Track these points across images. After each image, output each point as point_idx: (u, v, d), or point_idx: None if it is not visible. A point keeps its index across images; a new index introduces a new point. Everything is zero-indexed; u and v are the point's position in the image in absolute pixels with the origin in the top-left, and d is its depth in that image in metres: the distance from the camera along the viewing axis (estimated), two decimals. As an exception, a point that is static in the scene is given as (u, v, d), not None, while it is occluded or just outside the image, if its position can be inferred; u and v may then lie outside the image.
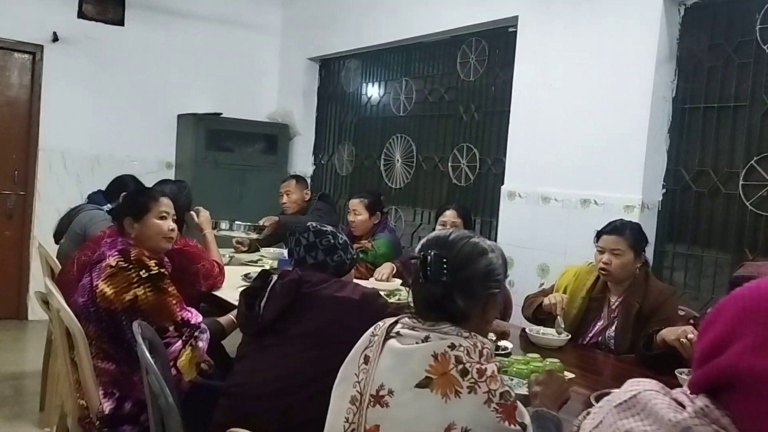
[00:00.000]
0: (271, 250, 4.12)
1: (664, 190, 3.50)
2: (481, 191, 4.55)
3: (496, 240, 4.12)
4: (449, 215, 3.45)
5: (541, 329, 2.65)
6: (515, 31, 4.22)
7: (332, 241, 2.12)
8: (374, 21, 5.25)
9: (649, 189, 3.48)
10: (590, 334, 2.72)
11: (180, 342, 2.29)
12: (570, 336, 2.59)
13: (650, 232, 3.44)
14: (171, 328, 2.29)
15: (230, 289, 3.08)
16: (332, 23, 5.71)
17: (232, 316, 2.52)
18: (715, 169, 3.32)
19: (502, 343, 2.40)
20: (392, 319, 1.50)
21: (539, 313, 2.77)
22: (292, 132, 6.19)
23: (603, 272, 2.67)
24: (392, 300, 2.59)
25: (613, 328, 2.67)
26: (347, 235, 4.07)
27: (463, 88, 4.71)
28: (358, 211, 3.93)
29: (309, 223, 2.16)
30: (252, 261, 3.83)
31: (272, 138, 6.13)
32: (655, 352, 2.21)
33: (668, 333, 2.15)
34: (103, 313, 2.29)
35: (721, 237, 3.28)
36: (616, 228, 2.68)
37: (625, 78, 3.50)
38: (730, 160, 3.27)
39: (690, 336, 2.05)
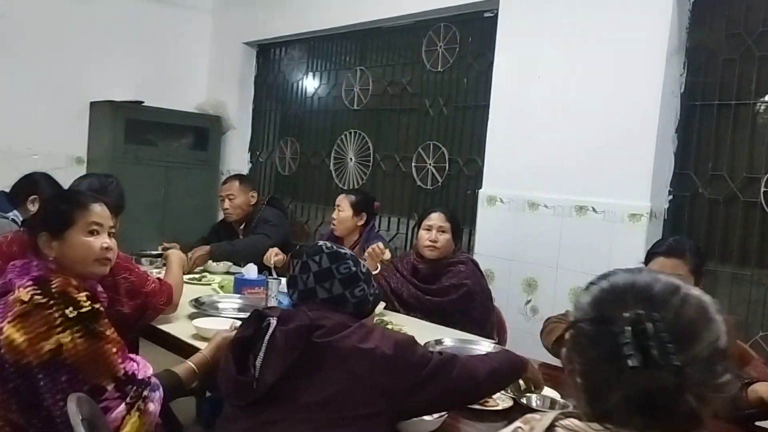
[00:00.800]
0: (219, 265, 3.45)
1: (671, 197, 3.13)
2: (452, 195, 4.07)
3: (472, 251, 3.65)
4: (436, 218, 2.93)
5: None
6: (492, 17, 3.77)
7: (353, 268, 1.56)
8: (322, 2, 4.67)
9: (658, 196, 3.10)
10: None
11: (123, 405, 1.65)
12: None
13: (653, 241, 3.07)
14: (110, 387, 1.65)
15: (175, 319, 2.44)
16: (273, 3, 5.07)
17: (192, 362, 1.89)
18: (731, 174, 2.98)
19: (542, 394, 1.87)
20: (542, 420, 0.95)
21: (559, 345, 2.28)
22: (225, 125, 5.49)
23: None
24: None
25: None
26: (327, 236, 3.53)
27: (430, 79, 4.21)
28: (342, 207, 3.36)
29: (321, 243, 1.59)
30: (194, 279, 3.16)
31: (202, 131, 5.41)
32: (749, 411, 1.78)
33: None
34: (10, 370, 1.61)
35: (740, 250, 2.94)
36: (674, 249, 2.22)
37: (630, 70, 3.10)
38: (749, 164, 2.93)
39: None
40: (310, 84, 5.11)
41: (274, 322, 1.43)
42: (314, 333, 1.41)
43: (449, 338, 2.29)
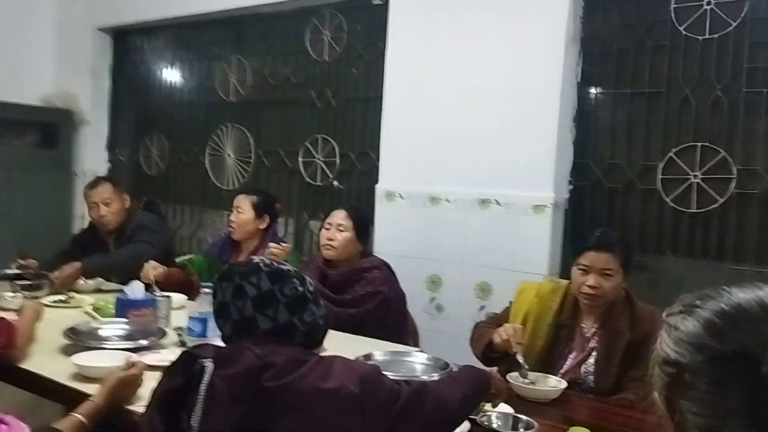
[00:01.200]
0: (87, 283, 2.98)
1: (572, 187, 3.13)
2: (344, 191, 3.85)
3: (372, 249, 3.46)
4: (336, 216, 2.69)
5: (529, 376, 2.00)
6: (381, 5, 3.58)
7: (300, 288, 1.30)
8: (191, -16, 4.25)
9: (561, 186, 3.08)
10: (561, 371, 2.19)
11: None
12: (566, 384, 2.00)
13: (558, 235, 3.06)
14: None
15: (45, 355, 2.02)
16: (131, -16, 4.56)
17: (81, 414, 1.52)
18: (629, 162, 3.02)
19: (500, 408, 1.72)
20: None
21: (491, 352, 2.16)
22: (77, 120, 4.87)
23: (589, 298, 2.14)
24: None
25: (592, 361, 2.16)
26: (223, 243, 3.15)
27: (316, 69, 3.95)
28: (241, 208, 3.01)
29: (257, 260, 1.31)
30: (59, 302, 2.69)
31: (50, 127, 4.78)
32: None
33: None
34: None
35: (640, 237, 2.98)
36: (603, 242, 2.15)
37: (529, 58, 3.05)
38: (646, 152, 2.98)
39: None
40: (178, 74, 4.65)
41: (210, 366, 1.14)
42: (263, 375, 1.13)
43: (379, 352, 2.07)
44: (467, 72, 3.21)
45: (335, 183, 3.86)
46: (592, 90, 3.10)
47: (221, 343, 1.30)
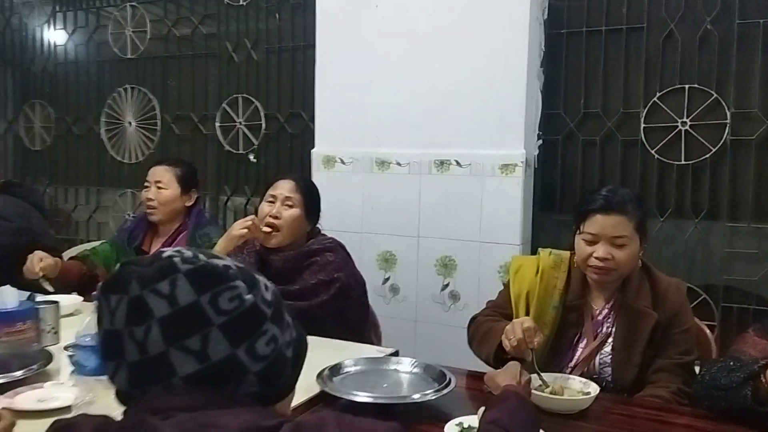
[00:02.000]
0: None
1: (541, 141, 2.71)
2: (272, 158, 3.30)
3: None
4: (283, 187, 2.14)
5: (546, 381, 1.56)
6: (306, -65, 3.02)
7: (247, 297, 0.79)
8: None
9: (531, 141, 2.66)
10: (571, 363, 1.77)
11: None
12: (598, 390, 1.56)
13: (529, 197, 2.65)
14: None
15: None
16: None
17: None
18: (606, 111, 2.63)
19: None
20: None
21: (503, 353, 1.67)
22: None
23: (599, 272, 1.72)
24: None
25: (608, 350, 1.75)
26: (134, 227, 2.53)
27: (230, 16, 3.33)
28: (164, 183, 2.42)
29: (166, 252, 0.79)
30: None
31: None
32: None
33: None
34: None
35: (622, 195, 2.61)
36: (613, 203, 1.72)
37: (491, -7, 2.59)
38: (626, 98, 2.60)
39: None
40: (60, 28, 3.88)
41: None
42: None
43: (349, 360, 1.59)
44: (418, 13, 2.71)
45: (251, 157, 3.30)
46: (562, 28, 2.68)
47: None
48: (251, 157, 3.32)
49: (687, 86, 2.47)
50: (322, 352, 1.64)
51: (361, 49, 2.83)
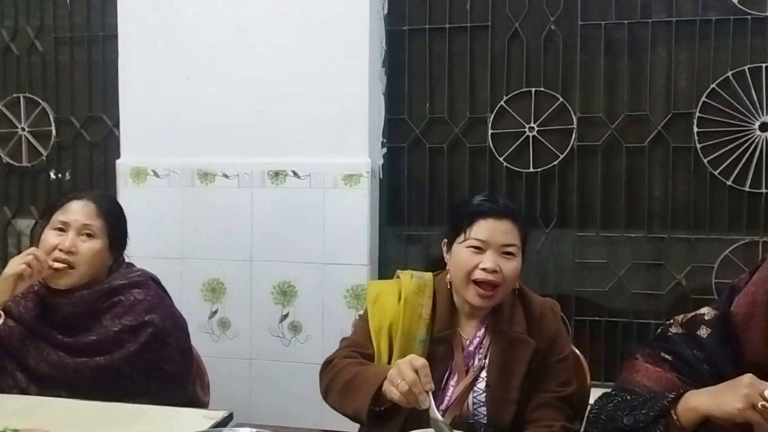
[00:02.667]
0: None
1: (386, 150, 2.46)
2: (64, 170, 2.73)
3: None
4: (77, 212, 1.61)
5: None
6: None
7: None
8: None
9: (376, 149, 2.40)
10: (443, 406, 1.49)
11: None
12: None
13: (375, 211, 2.40)
14: None
15: None
16: None
17: None
18: (452, 116, 2.44)
19: None
20: None
21: (378, 405, 1.34)
22: None
23: (485, 289, 1.47)
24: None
25: (482, 386, 1.50)
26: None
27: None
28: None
29: None
30: None
31: None
32: None
33: (720, 402, 1.11)
34: None
35: (473, 206, 2.43)
36: (503, 207, 1.51)
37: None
38: (472, 102, 2.43)
39: None
40: None
41: None
42: None
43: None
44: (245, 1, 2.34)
45: (52, 173, 2.71)
46: (404, 25, 2.45)
47: None
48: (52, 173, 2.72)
49: (533, 90, 2.35)
50: (127, 428, 1.22)
51: (176, 39, 2.40)
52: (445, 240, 1.58)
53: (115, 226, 1.68)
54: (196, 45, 2.39)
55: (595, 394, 1.55)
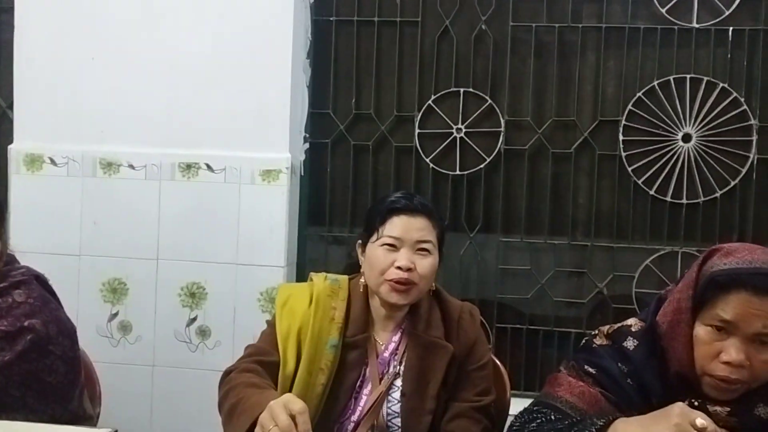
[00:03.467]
0: None
1: (308, 145, 2.34)
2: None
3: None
4: None
5: None
6: None
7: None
8: None
9: (297, 144, 2.27)
10: (355, 417, 1.39)
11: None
12: None
13: (295, 209, 2.27)
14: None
15: None
16: None
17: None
18: (379, 113, 2.35)
19: None
20: None
21: None
22: None
23: (400, 288, 1.38)
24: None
25: (397, 395, 1.41)
26: None
27: None
28: None
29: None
30: None
31: None
32: None
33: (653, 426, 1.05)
34: None
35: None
36: (417, 204, 1.43)
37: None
38: (399, 100, 2.34)
39: (702, 423, 1.00)
40: None
41: None
42: None
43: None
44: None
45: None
46: (331, 16, 2.33)
47: None
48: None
49: (462, 90, 2.28)
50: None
51: (79, 15, 2.20)
52: (359, 241, 1.48)
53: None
54: (102, 22, 2.19)
55: (515, 403, 1.49)
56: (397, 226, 1.39)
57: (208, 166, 2.19)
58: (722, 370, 1.13)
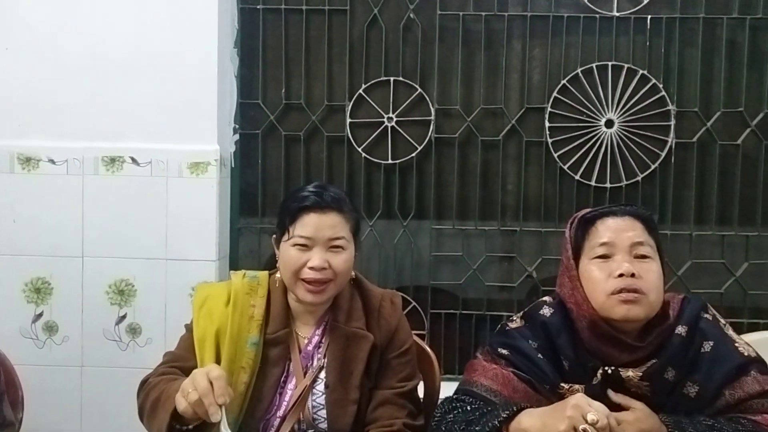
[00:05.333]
0: None
1: (237, 137, 2.30)
2: None
3: None
4: None
5: None
6: None
7: None
8: None
9: (225, 135, 2.23)
10: (280, 412, 1.39)
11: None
12: None
13: (225, 202, 2.24)
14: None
15: None
16: None
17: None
18: (309, 103, 2.33)
19: None
20: None
21: (181, 424, 1.24)
22: None
23: (316, 287, 1.38)
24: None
25: (321, 388, 1.41)
26: None
27: None
28: None
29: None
30: None
31: None
32: None
33: (547, 424, 1.09)
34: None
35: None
36: (327, 199, 1.40)
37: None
38: (330, 89, 2.32)
39: (592, 418, 1.05)
40: None
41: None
42: None
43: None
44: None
45: None
46: (258, 3, 2.29)
47: None
48: None
49: (392, 79, 2.29)
50: None
51: (-11, 4, 2.09)
52: (274, 236, 1.47)
53: None
54: (15, 11, 2.10)
55: (450, 387, 1.51)
56: (307, 225, 1.37)
57: (133, 160, 2.14)
58: (619, 283, 1.22)
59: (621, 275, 1.21)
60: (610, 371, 1.22)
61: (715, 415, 1.21)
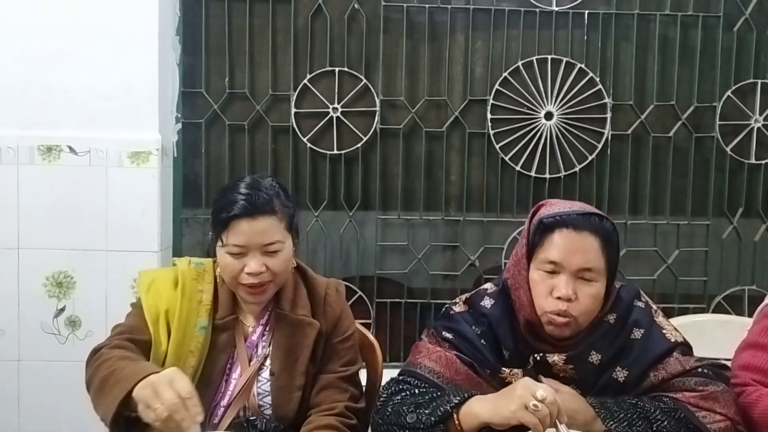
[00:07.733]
0: None
1: (180, 126, 2.27)
2: None
3: None
4: None
5: None
6: None
7: None
8: None
9: (167, 124, 2.20)
10: (225, 401, 1.39)
11: None
12: None
13: (168, 192, 2.22)
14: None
15: None
16: None
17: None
18: (254, 92, 2.31)
19: None
20: None
21: (129, 410, 1.20)
22: None
23: (255, 291, 1.39)
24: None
25: (266, 374, 1.42)
26: None
27: None
28: None
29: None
30: None
31: None
32: None
33: (498, 407, 1.13)
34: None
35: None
36: (258, 203, 1.35)
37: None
38: (274, 79, 2.31)
39: (542, 394, 1.09)
40: None
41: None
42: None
43: None
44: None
45: None
46: (199, -9, 2.27)
47: None
48: None
49: (337, 69, 2.30)
50: None
51: None
52: (211, 234, 1.45)
53: None
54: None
55: (390, 373, 1.54)
56: (239, 233, 1.35)
57: (71, 149, 2.09)
58: (555, 305, 1.25)
59: (559, 297, 1.25)
60: (539, 357, 1.28)
61: (641, 395, 1.27)
